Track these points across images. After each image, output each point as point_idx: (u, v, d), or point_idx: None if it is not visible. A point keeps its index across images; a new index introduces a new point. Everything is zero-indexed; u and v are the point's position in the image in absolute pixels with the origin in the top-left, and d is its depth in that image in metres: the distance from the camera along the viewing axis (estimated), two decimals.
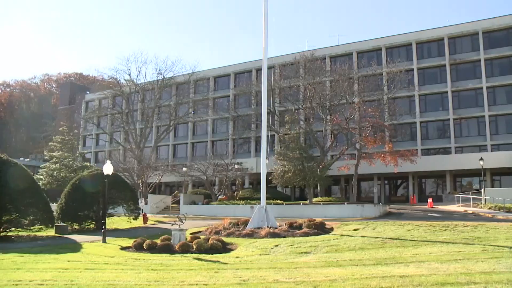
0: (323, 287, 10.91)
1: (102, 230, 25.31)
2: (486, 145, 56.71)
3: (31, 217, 28.57)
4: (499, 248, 17.60)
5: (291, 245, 20.88)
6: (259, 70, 65.18)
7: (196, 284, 11.92)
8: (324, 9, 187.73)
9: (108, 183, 27.15)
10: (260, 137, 32.36)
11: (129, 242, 23.08)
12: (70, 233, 30.14)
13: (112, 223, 35.66)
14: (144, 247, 20.95)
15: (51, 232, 29.55)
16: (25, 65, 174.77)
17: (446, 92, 60.04)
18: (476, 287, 10.46)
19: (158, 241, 21.58)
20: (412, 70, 61.32)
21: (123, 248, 21.92)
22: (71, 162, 64.20)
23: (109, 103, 76.66)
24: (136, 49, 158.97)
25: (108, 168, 26.75)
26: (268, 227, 26.48)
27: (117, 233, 30.49)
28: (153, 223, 38.42)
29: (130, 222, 35.44)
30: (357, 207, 39.09)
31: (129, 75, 67.56)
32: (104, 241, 24.42)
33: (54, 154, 66.03)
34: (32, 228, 28.78)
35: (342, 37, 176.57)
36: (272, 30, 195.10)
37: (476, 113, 58.31)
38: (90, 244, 23.93)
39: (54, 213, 31.19)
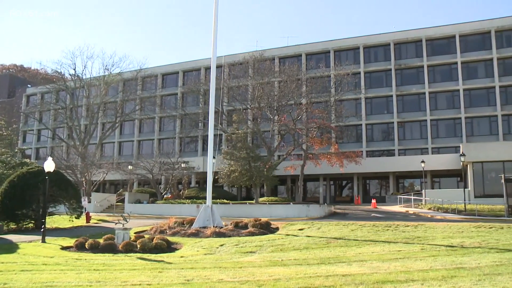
0: (267, 287, 10.93)
1: (42, 230, 24.40)
2: (427, 148, 58.90)
3: None
4: (436, 246, 18.30)
5: (237, 245, 20.88)
6: (208, 68, 64.99)
7: (140, 284, 11.68)
8: (275, 10, 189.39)
9: (49, 181, 26.15)
10: (208, 136, 32.16)
11: (70, 242, 22.38)
12: (6, 233, 28.76)
13: (53, 222, 34.45)
14: (86, 247, 20.39)
15: None
16: None
17: (391, 95, 61.92)
18: (414, 284, 10.80)
19: (101, 241, 21.08)
20: (359, 73, 62.79)
21: (64, 248, 21.22)
22: (9, 159, 61.19)
23: (52, 98, 74.28)
24: (82, 43, 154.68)
25: (49, 165, 25.80)
26: (213, 226, 26.43)
27: (58, 232, 29.54)
28: (97, 222, 37.47)
29: (72, 221, 34.29)
30: (303, 207, 39.52)
31: (74, 69, 65.90)
32: (43, 241, 23.52)
33: None
34: None
35: (292, 39, 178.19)
36: (222, 28, 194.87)
37: (419, 117, 60.48)
38: (28, 244, 22.98)
39: None
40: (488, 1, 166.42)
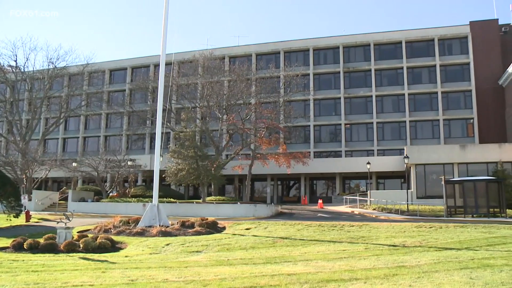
0: (212, 286, 10.88)
1: None
2: (373, 150, 60.47)
3: None
4: (379, 246, 18.76)
5: (183, 244, 20.72)
6: (157, 65, 63.97)
7: (81, 285, 11.35)
8: (226, 8, 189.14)
9: None
10: (155, 133, 31.71)
11: (7, 242, 21.46)
12: None
13: None
14: (25, 247, 19.62)
15: None
16: None
17: (339, 98, 63.17)
18: (358, 283, 11.05)
19: (41, 240, 20.35)
20: (308, 75, 63.72)
21: None
22: None
23: None
24: (24, 34, 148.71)
25: None
26: (160, 225, 26.19)
27: None
28: (37, 221, 36.18)
29: (10, 220, 32.79)
30: (250, 207, 39.69)
31: (15, 61, 63.41)
32: None
33: None
34: None
35: (242, 38, 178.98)
36: (172, 25, 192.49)
37: (366, 120, 62.03)
38: None
39: None
40: (432, 9, 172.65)
